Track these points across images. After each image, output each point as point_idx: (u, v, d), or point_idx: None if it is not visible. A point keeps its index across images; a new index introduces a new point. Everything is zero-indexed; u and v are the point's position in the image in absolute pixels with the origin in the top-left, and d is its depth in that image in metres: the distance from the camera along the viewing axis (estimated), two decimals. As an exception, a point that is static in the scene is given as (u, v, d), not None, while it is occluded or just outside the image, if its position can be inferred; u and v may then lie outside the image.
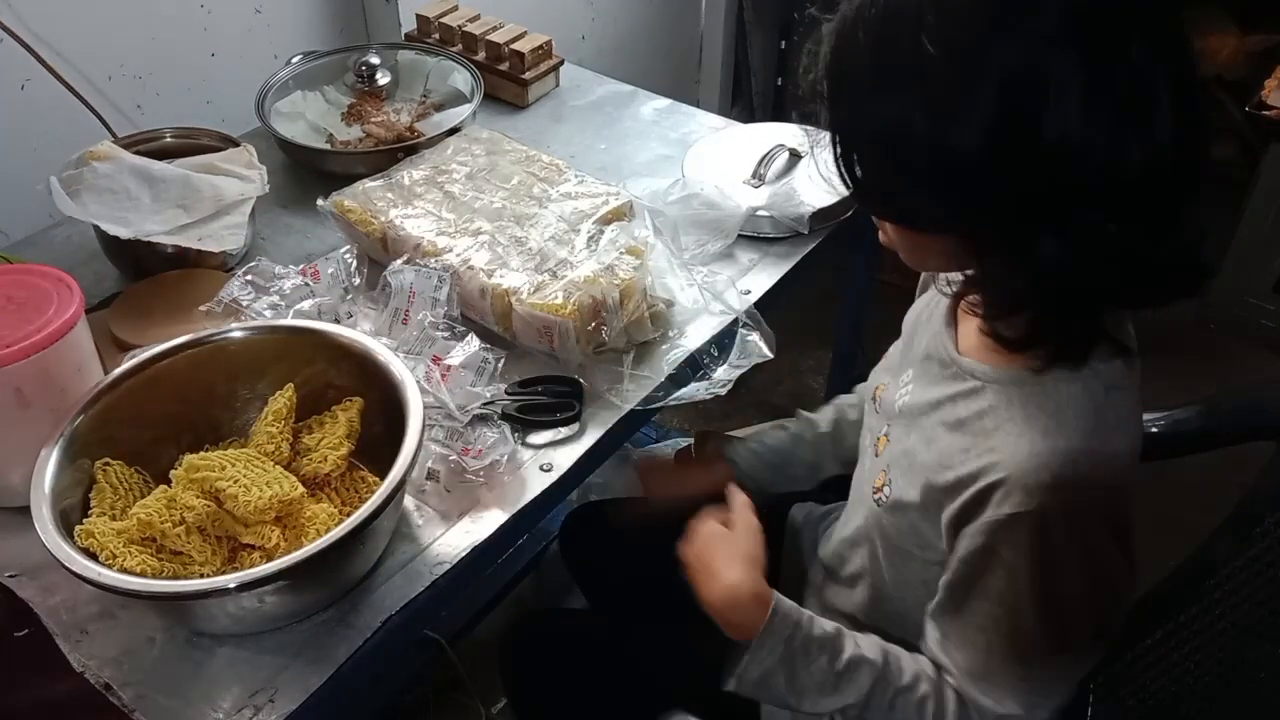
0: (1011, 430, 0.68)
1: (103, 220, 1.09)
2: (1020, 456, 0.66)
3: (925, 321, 0.85)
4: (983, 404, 0.71)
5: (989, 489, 0.67)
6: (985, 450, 0.69)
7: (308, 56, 1.44)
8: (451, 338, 1.00)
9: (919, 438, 0.77)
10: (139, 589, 0.75)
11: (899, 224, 0.70)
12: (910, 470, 0.76)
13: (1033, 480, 0.65)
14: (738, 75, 2.47)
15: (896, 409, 0.82)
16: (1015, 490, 0.66)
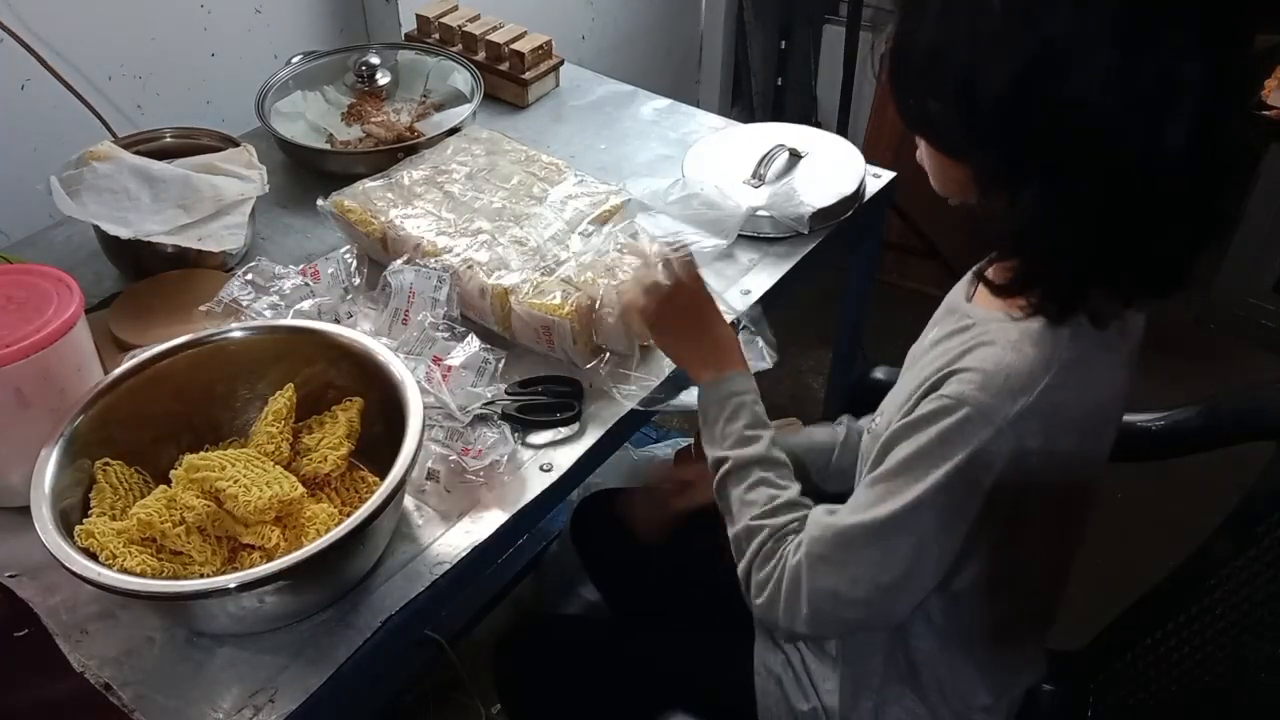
0: (981, 349, 0.74)
1: (103, 220, 1.09)
2: (974, 362, 0.73)
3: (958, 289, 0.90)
4: (968, 336, 0.77)
5: (943, 378, 0.73)
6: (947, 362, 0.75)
7: (308, 56, 1.44)
8: (452, 338, 1.00)
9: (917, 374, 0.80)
10: (139, 589, 0.75)
11: (927, 141, 0.77)
12: (895, 397, 0.82)
13: (969, 376, 0.71)
14: (738, 75, 2.47)
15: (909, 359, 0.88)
16: (954, 381, 0.72)
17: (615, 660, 1.04)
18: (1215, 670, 0.90)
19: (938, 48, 0.69)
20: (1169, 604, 0.93)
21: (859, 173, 1.27)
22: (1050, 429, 0.71)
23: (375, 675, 0.83)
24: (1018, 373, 0.71)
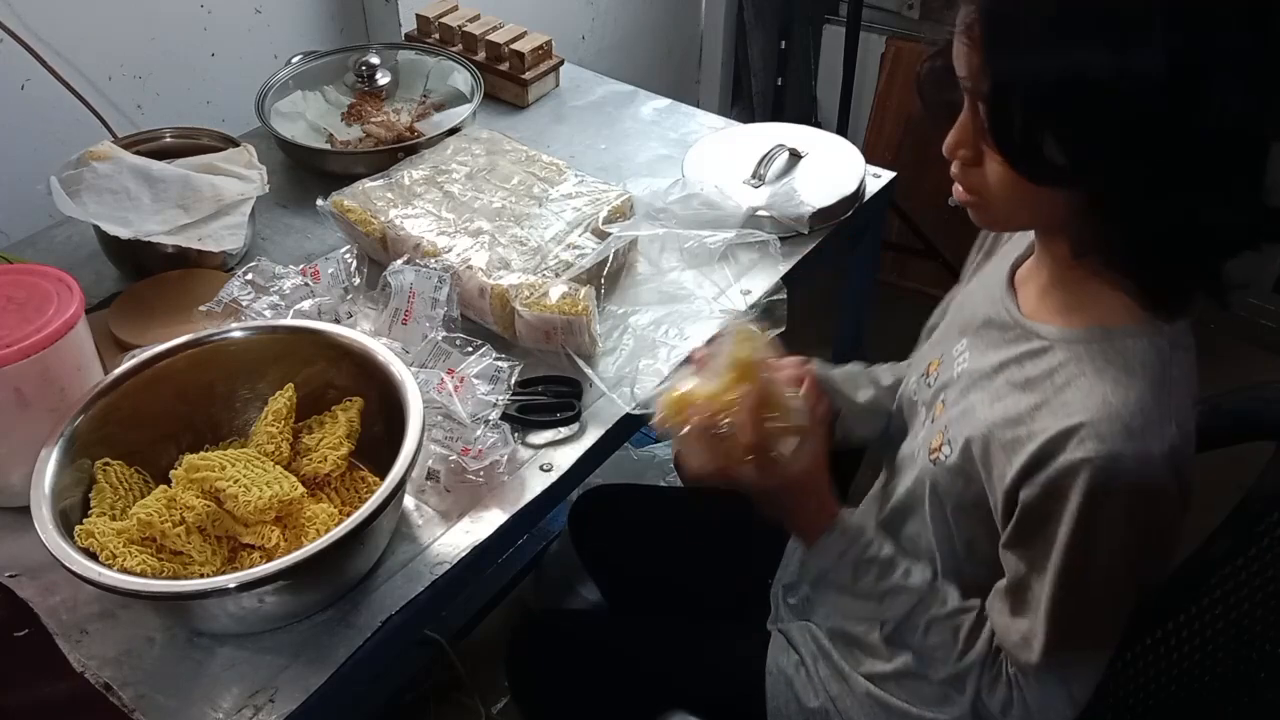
0: (1083, 384, 0.70)
1: (103, 220, 1.09)
2: (1094, 405, 0.68)
3: (978, 292, 0.87)
4: (1052, 362, 0.73)
5: (1061, 437, 0.68)
6: (1059, 404, 0.70)
7: (308, 56, 1.44)
8: (468, 351, 1.00)
9: (983, 396, 0.78)
10: (139, 589, 0.75)
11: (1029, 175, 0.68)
12: (971, 425, 0.77)
13: (1105, 428, 0.67)
14: (738, 75, 2.47)
15: (955, 374, 0.83)
16: (1089, 437, 0.67)
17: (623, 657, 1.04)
18: (1215, 670, 0.90)
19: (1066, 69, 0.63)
20: (1169, 604, 0.93)
21: (859, 173, 1.27)
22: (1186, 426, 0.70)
23: (375, 675, 0.83)
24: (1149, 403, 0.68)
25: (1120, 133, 0.63)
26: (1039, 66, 0.64)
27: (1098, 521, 0.68)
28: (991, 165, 0.70)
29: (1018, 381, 0.75)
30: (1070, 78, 0.62)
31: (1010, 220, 0.76)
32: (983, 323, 0.82)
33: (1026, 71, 0.64)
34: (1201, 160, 0.64)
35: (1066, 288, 0.76)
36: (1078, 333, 0.73)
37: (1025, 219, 0.76)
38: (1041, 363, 0.74)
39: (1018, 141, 0.66)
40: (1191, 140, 0.63)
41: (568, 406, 0.99)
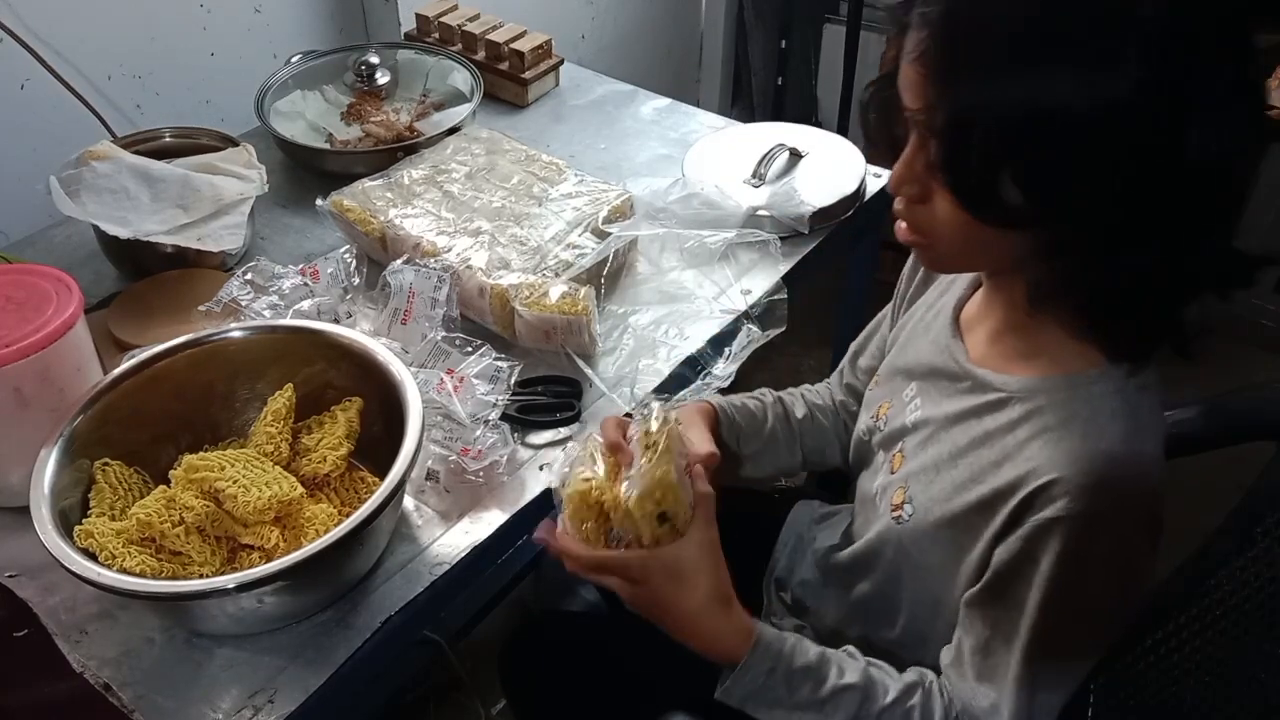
0: (1049, 437, 0.66)
1: (102, 220, 1.09)
2: (1062, 461, 0.64)
3: (920, 333, 0.82)
4: (1012, 414, 0.69)
5: (1032, 496, 0.65)
6: (1023, 460, 0.67)
7: (307, 56, 1.44)
8: (468, 351, 0.99)
9: (940, 452, 0.74)
10: (138, 589, 0.75)
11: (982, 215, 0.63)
12: (933, 486, 0.74)
13: (1077, 484, 0.63)
14: (738, 75, 2.47)
15: (909, 424, 0.80)
16: (1061, 494, 0.64)
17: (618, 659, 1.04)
18: (1215, 670, 0.90)
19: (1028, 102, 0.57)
20: (1169, 604, 0.93)
21: (859, 172, 1.27)
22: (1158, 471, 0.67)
23: (374, 676, 0.83)
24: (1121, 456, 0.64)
25: (1087, 172, 0.59)
26: (999, 98, 0.58)
27: (1070, 584, 0.65)
28: (941, 203, 0.65)
29: (977, 436, 0.71)
30: (1033, 110, 0.57)
31: (959, 262, 0.72)
32: (929, 370, 0.78)
33: (985, 103, 0.59)
34: (1175, 203, 0.59)
35: (1021, 333, 0.72)
36: (1037, 382, 0.69)
37: (976, 261, 0.72)
38: (1001, 415, 0.70)
39: (973, 180, 0.62)
40: (1165, 181, 0.58)
41: (567, 406, 0.99)
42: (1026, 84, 0.57)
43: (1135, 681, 0.97)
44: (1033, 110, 0.57)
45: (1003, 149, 0.59)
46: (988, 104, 0.59)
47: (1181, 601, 0.92)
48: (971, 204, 0.63)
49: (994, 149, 0.60)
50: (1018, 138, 0.58)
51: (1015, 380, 0.70)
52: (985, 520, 0.69)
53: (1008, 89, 0.58)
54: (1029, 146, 0.58)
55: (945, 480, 0.73)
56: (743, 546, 1.05)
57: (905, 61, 0.63)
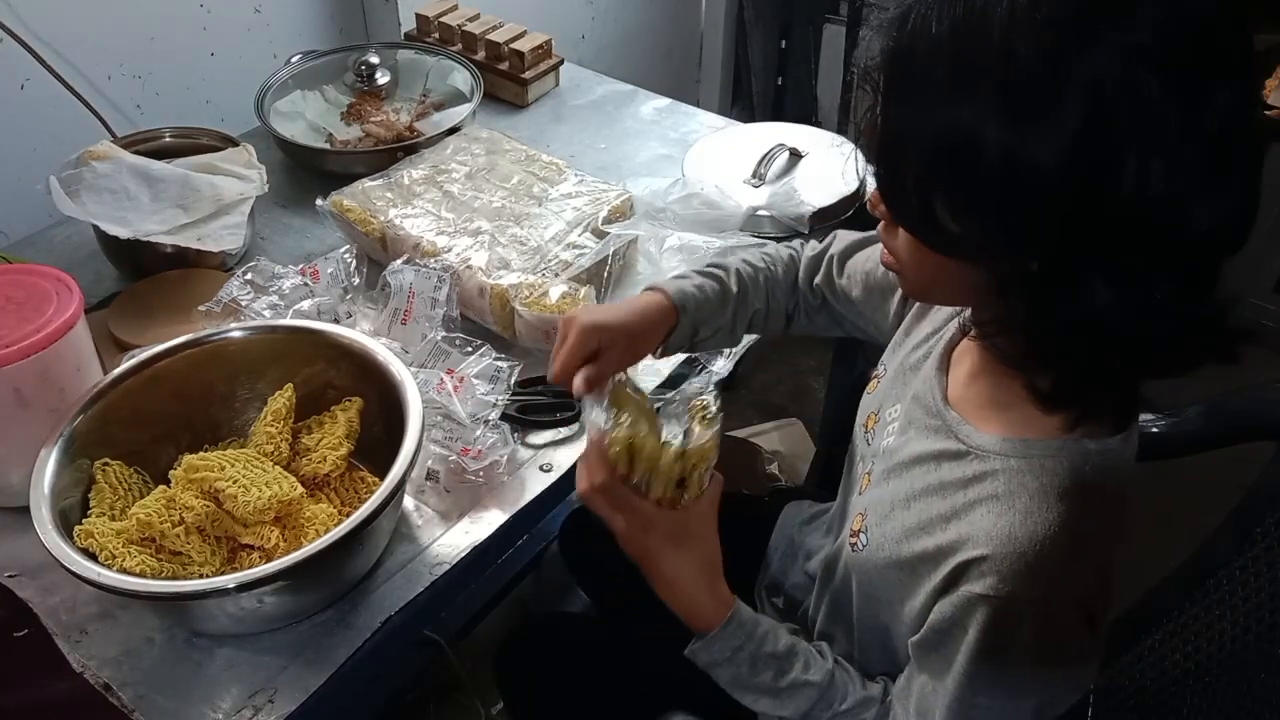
0: (993, 507, 0.65)
1: (102, 220, 1.09)
2: (998, 538, 0.63)
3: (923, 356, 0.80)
4: (967, 471, 0.68)
5: (966, 565, 0.65)
6: (966, 523, 0.66)
7: (307, 56, 1.44)
8: (468, 351, 1.00)
9: (899, 490, 0.74)
10: (138, 589, 0.75)
11: (925, 241, 0.63)
12: (885, 525, 0.74)
13: (1006, 567, 0.62)
14: (738, 75, 2.47)
15: (881, 448, 0.79)
16: (989, 572, 0.63)
17: (617, 660, 1.04)
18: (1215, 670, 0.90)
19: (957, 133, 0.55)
20: (1169, 604, 0.93)
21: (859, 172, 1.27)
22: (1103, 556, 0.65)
23: (374, 676, 0.83)
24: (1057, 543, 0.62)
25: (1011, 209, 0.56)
26: (928, 122, 0.57)
27: (993, 659, 0.64)
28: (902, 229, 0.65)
29: (933, 484, 0.70)
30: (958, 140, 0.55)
31: (926, 291, 0.70)
32: (914, 398, 0.77)
33: (915, 125, 0.58)
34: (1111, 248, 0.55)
35: (992, 378, 0.69)
36: (996, 442, 0.67)
37: (940, 292, 0.69)
38: (958, 468, 0.69)
39: (909, 206, 0.61)
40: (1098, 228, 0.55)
41: (567, 406, 0.99)
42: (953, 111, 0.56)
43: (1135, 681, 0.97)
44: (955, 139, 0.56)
45: (930, 174, 0.59)
46: (915, 126, 0.58)
47: (1181, 601, 0.92)
48: (912, 229, 0.63)
49: (923, 176, 0.59)
50: (944, 167, 0.58)
51: (977, 435, 0.69)
52: (928, 573, 0.68)
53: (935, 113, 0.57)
54: (954, 174, 0.57)
55: (898, 521, 0.73)
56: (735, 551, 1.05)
57: None
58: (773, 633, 0.78)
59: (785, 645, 0.77)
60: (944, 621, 0.66)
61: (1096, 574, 0.65)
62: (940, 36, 0.56)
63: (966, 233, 0.59)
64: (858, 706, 0.76)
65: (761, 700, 0.77)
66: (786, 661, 0.77)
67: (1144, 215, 0.54)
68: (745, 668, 0.77)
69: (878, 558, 0.74)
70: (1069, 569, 0.63)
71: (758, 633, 0.77)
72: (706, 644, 0.77)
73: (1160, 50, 0.52)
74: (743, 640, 0.77)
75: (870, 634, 0.81)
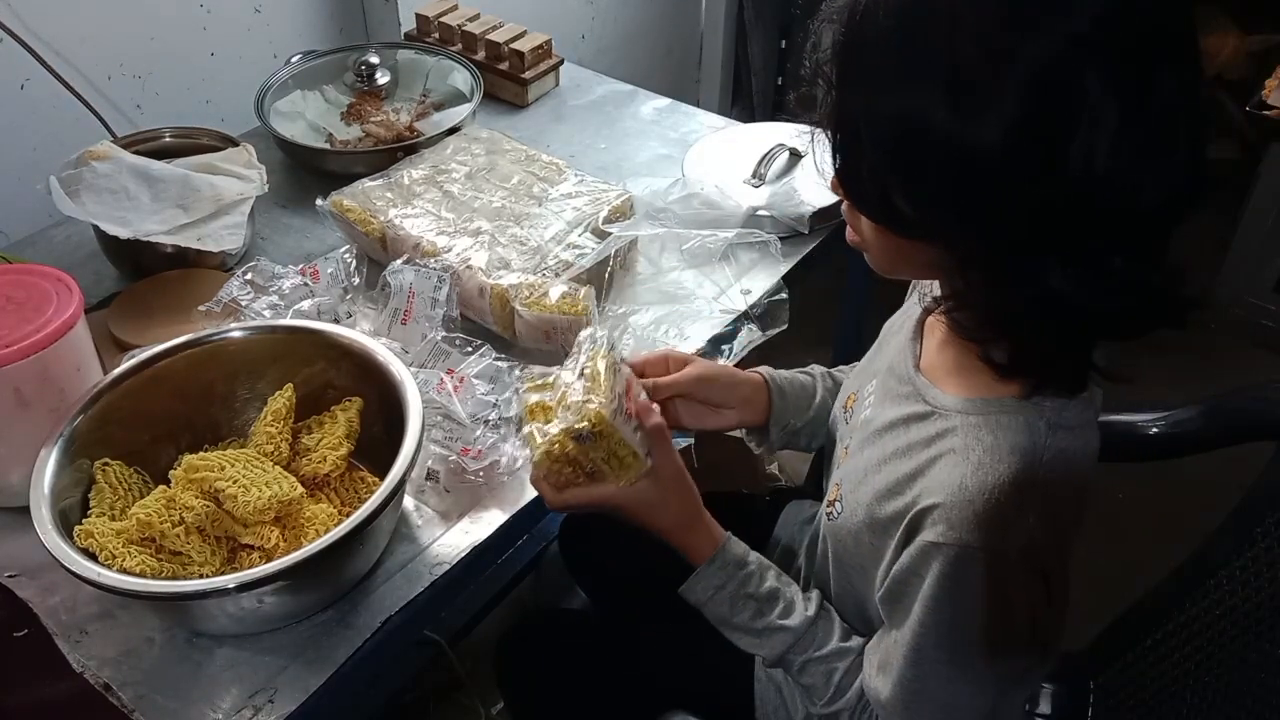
0: (950, 460, 0.67)
1: (102, 220, 1.09)
2: (950, 488, 0.65)
3: (896, 331, 0.83)
4: (931, 430, 0.70)
5: (922, 514, 0.67)
6: (929, 479, 0.68)
7: (307, 56, 1.44)
8: (468, 351, 0.99)
9: (872, 457, 0.75)
10: (138, 589, 0.75)
11: (883, 224, 0.66)
12: (858, 490, 0.76)
13: (956, 515, 0.64)
14: (738, 75, 2.47)
15: (859, 420, 0.81)
16: (940, 520, 0.65)
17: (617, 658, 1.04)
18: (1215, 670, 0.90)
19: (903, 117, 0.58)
20: (1169, 604, 0.93)
21: (859, 172, 1.27)
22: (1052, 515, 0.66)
23: (375, 676, 0.83)
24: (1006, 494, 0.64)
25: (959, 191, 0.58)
26: (878, 109, 0.59)
27: (947, 605, 0.66)
28: None
29: (901, 447, 0.72)
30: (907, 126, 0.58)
31: (891, 267, 0.71)
32: (888, 369, 0.79)
33: (866, 112, 0.60)
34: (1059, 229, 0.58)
35: (959, 344, 0.71)
36: (958, 401, 0.70)
37: (903, 269, 0.71)
38: (923, 429, 0.71)
39: (864, 188, 0.64)
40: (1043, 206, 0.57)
41: None
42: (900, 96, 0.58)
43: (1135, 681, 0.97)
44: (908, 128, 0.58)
45: (882, 161, 0.61)
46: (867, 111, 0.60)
47: (1181, 601, 0.92)
48: (868, 211, 0.65)
49: (877, 162, 0.61)
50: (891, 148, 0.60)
51: (942, 396, 0.71)
52: (895, 530, 0.70)
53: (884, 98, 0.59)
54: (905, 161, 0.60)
55: (869, 486, 0.74)
56: None
57: None
58: (758, 574, 0.81)
59: (768, 589, 0.80)
60: (903, 571, 0.69)
61: (1049, 528, 0.66)
62: (887, 25, 0.58)
63: (921, 216, 0.61)
64: (832, 655, 0.79)
65: (743, 638, 0.81)
66: (766, 604, 0.80)
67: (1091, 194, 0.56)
68: (726, 606, 0.80)
69: (851, 523, 0.76)
70: (1018, 519, 0.65)
71: (741, 574, 0.80)
72: (692, 582, 0.81)
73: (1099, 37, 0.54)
74: (724, 579, 0.80)
75: (847, 600, 0.83)
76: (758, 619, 0.80)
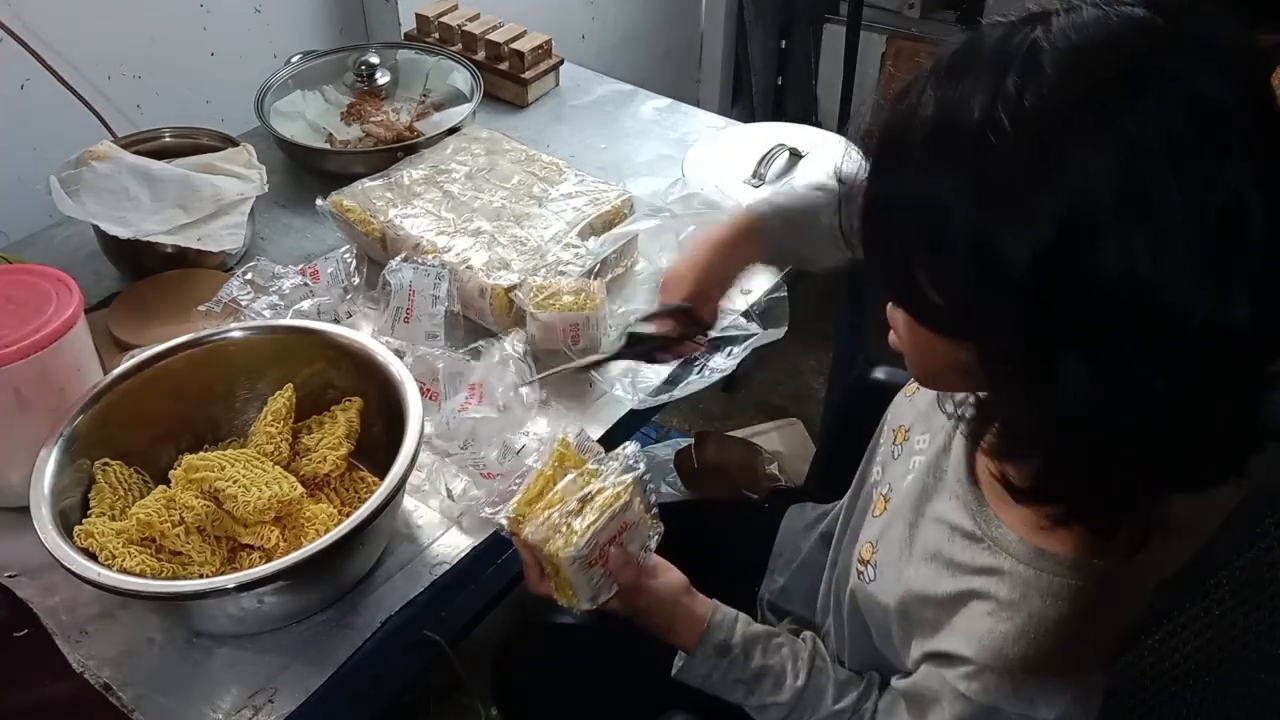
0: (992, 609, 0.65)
1: (102, 220, 1.09)
2: (990, 649, 0.64)
3: None
4: (979, 560, 0.67)
5: (952, 658, 0.66)
6: (965, 614, 0.67)
7: (307, 56, 1.44)
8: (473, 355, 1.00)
9: (913, 539, 0.73)
10: (138, 589, 0.75)
11: (913, 314, 0.61)
12: (893, 569, 0.74)
13: (994, 681, 0.64)
14: (738, 75, 2.47)
15: (905, 476, 0.78)
16: (975, 678, 0.64)
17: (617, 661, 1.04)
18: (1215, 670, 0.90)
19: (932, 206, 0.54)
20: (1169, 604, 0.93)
21: (859, 172, 1.27)
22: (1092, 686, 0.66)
23: (375, 675, 0.83)
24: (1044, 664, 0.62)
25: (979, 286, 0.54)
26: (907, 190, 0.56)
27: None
28: None
29: (944, 557, 0.70)
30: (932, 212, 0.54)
31: (926, 374, 0.67)
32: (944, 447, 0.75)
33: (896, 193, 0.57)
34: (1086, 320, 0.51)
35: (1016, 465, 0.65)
36: (1012, 541, 0.66)
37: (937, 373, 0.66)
38: (970, 553, 0.68)
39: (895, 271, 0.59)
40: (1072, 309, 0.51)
41: None
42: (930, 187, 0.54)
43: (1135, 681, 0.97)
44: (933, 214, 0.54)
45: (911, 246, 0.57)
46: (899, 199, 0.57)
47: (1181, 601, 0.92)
48: (897, 298, 0.62)
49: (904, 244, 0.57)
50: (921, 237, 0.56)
51: (996, 526, 0.67)
52: (921, 638, 0.70)
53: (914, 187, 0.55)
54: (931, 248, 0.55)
55: (904, 576, 0.73)
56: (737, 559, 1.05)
57: None
58: (743, 656, 0.81)
59: (754, 669, 0.81)
60: (928, 689, 0.69)
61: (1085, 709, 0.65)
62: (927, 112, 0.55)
63: (948, 305, 0.57)
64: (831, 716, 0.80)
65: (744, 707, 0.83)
66: (754, 684, 0.81)
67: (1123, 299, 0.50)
68: (719, 689, 0.82)
69: (880, 599, 0.75)
70: (1055, 697, 0.64)
71: (725, 661, 0.81)
72: (681, 673, 0.83)
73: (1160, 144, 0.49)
74: (709, 669, 0.81)
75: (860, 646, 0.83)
76: (749, 698, 0.81)
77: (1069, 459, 0.58)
